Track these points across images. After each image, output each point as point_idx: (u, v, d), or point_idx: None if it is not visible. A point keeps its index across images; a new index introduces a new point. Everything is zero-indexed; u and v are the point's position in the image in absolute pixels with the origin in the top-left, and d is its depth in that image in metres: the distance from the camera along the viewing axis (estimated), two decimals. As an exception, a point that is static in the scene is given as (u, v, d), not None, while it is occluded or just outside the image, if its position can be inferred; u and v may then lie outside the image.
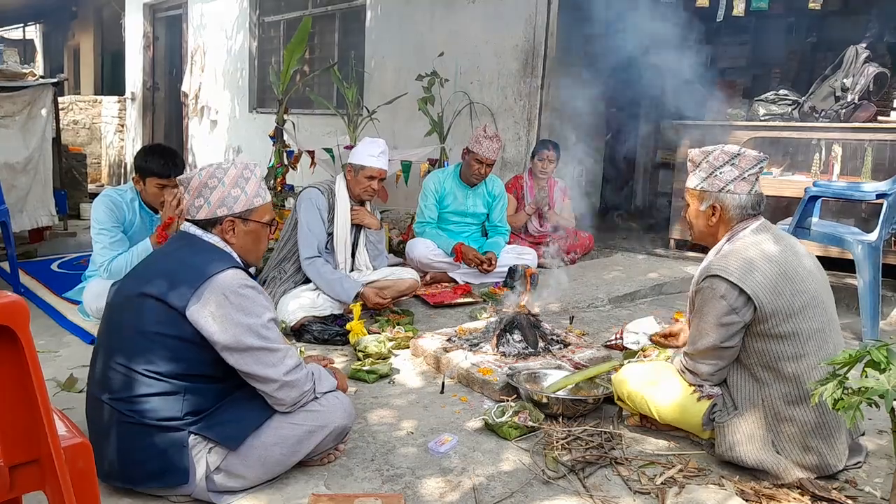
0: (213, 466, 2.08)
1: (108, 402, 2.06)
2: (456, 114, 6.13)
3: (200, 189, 2.21)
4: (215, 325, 2.02)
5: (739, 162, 2.41)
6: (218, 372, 2.11)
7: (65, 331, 3.74)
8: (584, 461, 2.37)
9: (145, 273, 2.19)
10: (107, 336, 2.16)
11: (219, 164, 2.26)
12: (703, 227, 2.49)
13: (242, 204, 2.23)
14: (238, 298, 2.05)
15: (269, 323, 2.10)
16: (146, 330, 2.05)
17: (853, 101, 4.91)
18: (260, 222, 2.29)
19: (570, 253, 5.48)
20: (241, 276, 2.12)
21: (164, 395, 2.04)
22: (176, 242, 2.28)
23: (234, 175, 2.23)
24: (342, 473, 2.30)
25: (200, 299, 2.02)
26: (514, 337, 3.35)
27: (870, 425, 2.68)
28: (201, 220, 2.22)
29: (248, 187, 2.25)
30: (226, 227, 2.22)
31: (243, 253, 2.27)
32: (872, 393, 1.74)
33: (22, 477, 1.39)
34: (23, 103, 6.14)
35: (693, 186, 2.50)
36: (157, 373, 2.04)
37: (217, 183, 2.21)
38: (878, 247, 3.83)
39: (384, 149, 3.98)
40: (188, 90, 10.36)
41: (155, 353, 2.04)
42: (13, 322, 1.28)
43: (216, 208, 2.20)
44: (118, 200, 3.67)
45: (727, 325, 2.27)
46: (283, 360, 2.09)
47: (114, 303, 2.20)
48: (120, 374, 2.06)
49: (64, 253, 5.85)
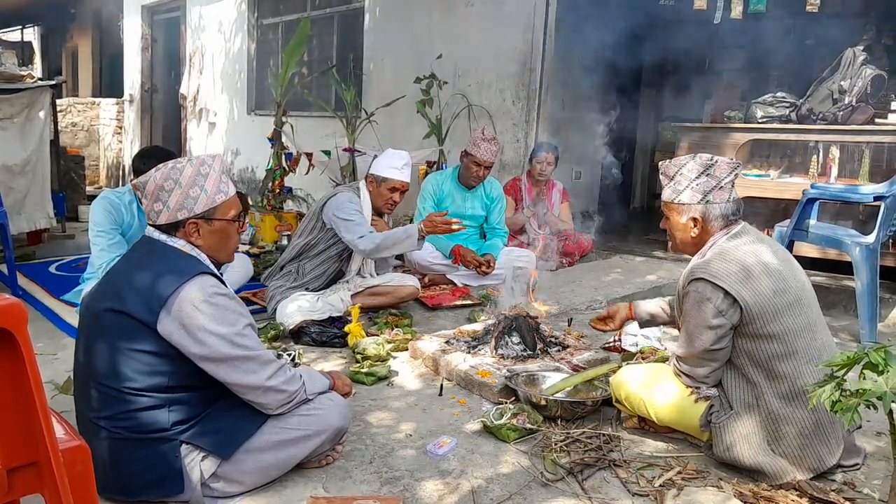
0: (207, 474, 2.05)
1: (94, 420, 2.02)
2: (454, 116, 6.14)
3: (157, 193, 2.08)
4: (188, 337, 1.96)
5: (714, 171, 2.41)
6: (200, 381, 2.05)
7: (63, 333, 3.74)
8: (582, 463, 2.37)
9: (112, 286, 2.08)
10: (83, 354, 2.08)
11: (174, 164, 2.11)
12: (685, 238, 2.48)
13: (203, 203, 2.10)
14: (210, 308, 1.97)
15: (245, 329, 2.04)
16: (119, 347, 1.98)
17: (851, 104, 4.92)
18: (225, 220, 2.16)
19: (568, 255, 5.48)
20: (211, 283, 2.03)
21: (148, 409, 1.99)
22: (140, 250, 2.15)
23: (191, 174, 2.09)
24: (340, 476, 2.30)
25: (171, 312, 1.95)
26: (513, 339, 3.35)
27: (868, 427, 2.68)
28: (163, 224, 2.10)
29: (207, 185, 2.11)
30: (189, 230, 2.10)
31: (213, 253, 2.16)
32: (870, 395, 1.74)
33: (20, 480, 1.38)
34: (21, 105, 6.14)
35: (671, 200, 2.47)
36: (137, 389, 1.98)
37: (174, 185, 2.08)
38: (875, 249, 3.84)
39: (408, 161, 3.93)
40: (186, 92, 10.36)
41: (132, 369, 1.98)
42: (11, 324, 1.28)
43: (176, 212, 2.08)
44: (116, 202, 3.68)
45: (715, 327, 2.27)
46: (263, 366, 2.04)
47: (84, 320, 2.12)
48: (100, 393, 2.00)
49: (62, 255, 5.84)
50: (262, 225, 6.37)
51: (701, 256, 2.43)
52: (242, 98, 9.51)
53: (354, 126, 6.36)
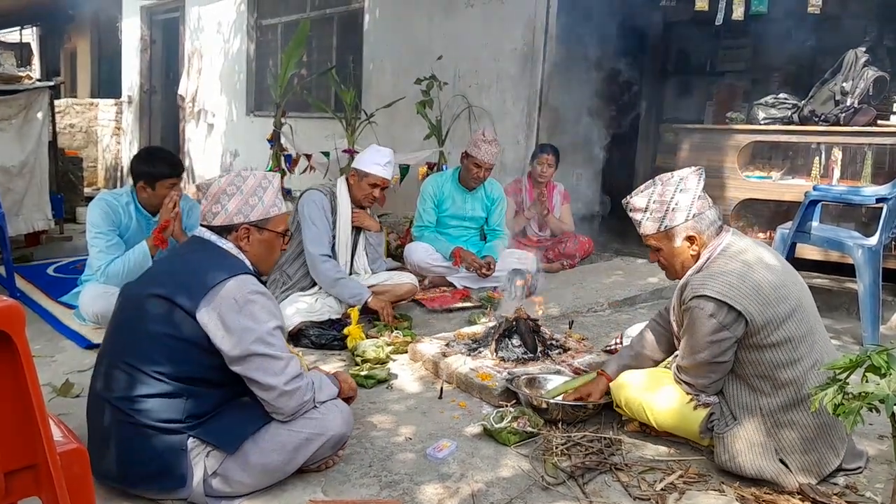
0: (210, 471, 2.08)
1: (111, 401, 2.08)
2: (454, 117, 6.12)
3: (219, 196, 2.25)
4: (223, 329, 2.05)
5: (686, 185, 2.39)
6: (220, 377, 2.12)
7: (61, 335, 3.72)
8: (583, 467, 2.36)
9: (157, 274, 2.25)
10: (115, 334, 2.18)
11: (239, 173, 2.30)
12: (686, 259, 2.43)
13: (259, 213, 2.27)
14: (247, 304, 2.07)
15: (275, 331, 2.12)
16: (154, 330, 2.08)
17: (853, 105, 4.91)
18: (275, 231, 2.33)
19: (569, 257, 5.47)
20: (253, 281, 2.15)
21: (166, 396, 2.06)
22: (190, 246, 2.32)
23: (253, 184, 2.28)
24: (340, 479, 2.28)
25: (211, 303, 2.05)
26: (513, 342, 3.34)
27: (870, 430, 2.67)
28: (217, 226, 2.25)
29: (265, 196, 2.29)
30: (241, 235, 2.26)
31: (256, 261, 2.31)
32: (873, 398, 1.74)
33: (17, 483, 1.38)
34: (19, 107, 6.12)
35: (658, 229, 2.43)
36: (161, 373, 2.06)
37: (236, 190, 2.25)
38: (878, 251, 3.83)
39: (391, 159, 3.97)
40: (185, 93, 10.35)
41: (161, 354, 2.06)
42: (9, 326, 1.28)
43: (233, 215, 2.24)
44: (114, 204, 3.66)
45: (718, 341, 2.25)
46: (284, 370, 2.10)
47: (124, 302, 2.23)
48: (124, 374, 2.08)
49: (60, 257, 5.82)
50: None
51: (698, 269, 2.39)
52: (241, 99, 9.50)
53: (354, 127, 6.34)
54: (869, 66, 4.99)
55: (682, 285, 2.40)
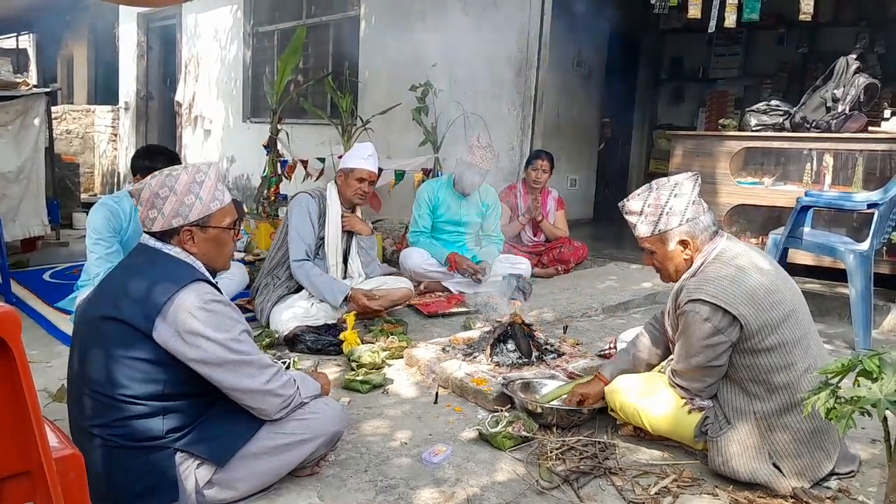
0: (202, 481, 2.03)
1: (88, 428, 1.99)
2: (450, 124, 6.15)
3: (152, 200, 2.09)
4: (184, 344, 1.95)
5: (681, 190, 2.41)
6: (196, 388, 2.04)
7: (56, 341, 3.72)
8: (578, 471, 2.37)
9: (108, 294, 2.08)
10: (77, 361, 2.06)
11: (170, 171, 2.12)
12: (679, 263, 2.45)
13: (198, 211, 2.11)
14: (205, 314, 1.97)
15: (241, 335, 2.04)
16: (115, 354, 1.97)
17: (844, 112, 4.95)
18: (220, 227, 2.17)
19: (564, 262, 5.48)
20: (206, 290, 2.03)
21: (143, 417, 1.97)
22: (135, 257, 2.16)
23: (186, 181, 2.10)
24: (335, 484, 2.28)
25: (166, 319, 1.95)
26: (508, 346, 3.35)
27: (863, 434, 2.69)
28: (158, 231, 2.11)
29: (202, 192, 2.12)
30: (184, 238, 2.11)
31: (207, 260, 2.16)
32: (865, 402, 1.75)
33: (12, 489, 1.37)
34: (16, 113, 6.13)
35: (652, 233, 2.45)
36: (132, 396, 1.96)
37: (168, 192, 2.08)
38: (869, 256, 3.85)
39: (373, 152, 4.06)
40: (182, 100, 10.36)
41: (127, 377, 1.96)
42: (4, 332, 1.27)
43: (171, 219, 2.08)
44: (116, 209, 3.66)
45: (713, 345, 2.27)
46: (260, 370, 2.04)
47: (79, 327, 2.10)
48: (94, 400, 1.98)
49: (56, 263, 5.82)
50: (258, 232, 6.37)
51: (693, 272, 2.41)
52: (238, 105, 9.51)
53: (350, 134, 6.36)
54: (860, 73, 5.02)
55: (677, 290, 2.42)
